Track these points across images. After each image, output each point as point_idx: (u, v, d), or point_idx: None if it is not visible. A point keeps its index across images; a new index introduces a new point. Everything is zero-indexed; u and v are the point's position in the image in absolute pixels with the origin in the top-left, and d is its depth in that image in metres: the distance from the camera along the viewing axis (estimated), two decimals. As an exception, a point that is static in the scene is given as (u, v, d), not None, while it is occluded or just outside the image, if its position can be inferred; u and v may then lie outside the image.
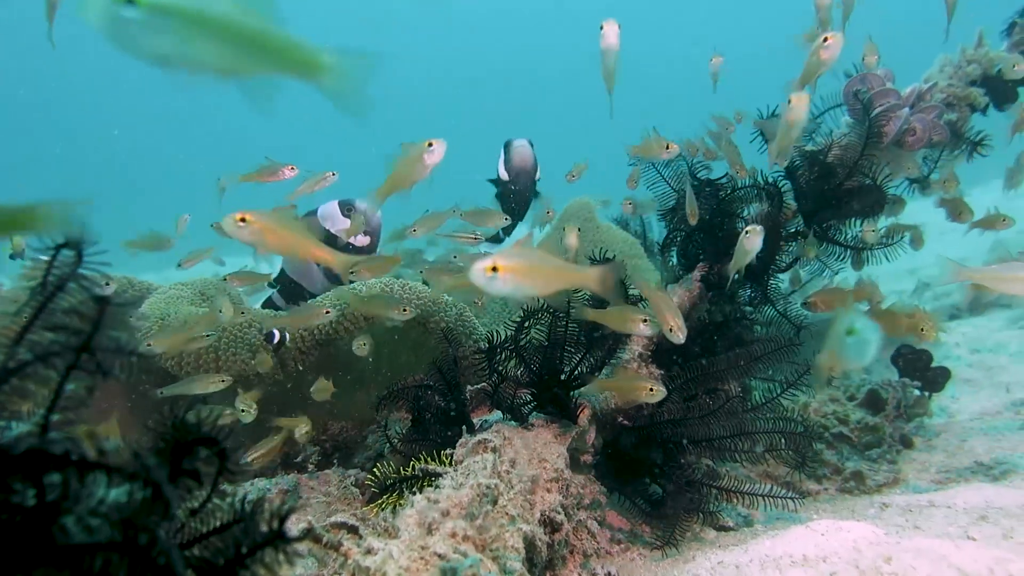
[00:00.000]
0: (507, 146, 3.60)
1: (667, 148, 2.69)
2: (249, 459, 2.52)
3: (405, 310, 2.58)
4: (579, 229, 3.07)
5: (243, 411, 2.52)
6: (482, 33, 38.30)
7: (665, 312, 2.14)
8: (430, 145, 2.02)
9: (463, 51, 37.97)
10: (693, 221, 2.80)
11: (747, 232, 2.44)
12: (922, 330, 2.71)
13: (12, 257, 4.22)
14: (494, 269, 1.63)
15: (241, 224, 1.86)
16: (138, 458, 0.85)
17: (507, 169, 3.55)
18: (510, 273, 1.66)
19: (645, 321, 2.12)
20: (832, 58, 2.43)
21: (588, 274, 1.81)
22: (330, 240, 3.51)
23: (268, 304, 3.84)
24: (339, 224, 3.54)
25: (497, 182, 3.70)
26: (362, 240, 3.59)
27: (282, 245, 1.98)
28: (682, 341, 2.16)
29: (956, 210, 3.33)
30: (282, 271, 3.88)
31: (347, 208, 3.55)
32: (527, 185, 3.66)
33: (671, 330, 2.14)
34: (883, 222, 3.16)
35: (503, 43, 38.37)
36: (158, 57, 1.26)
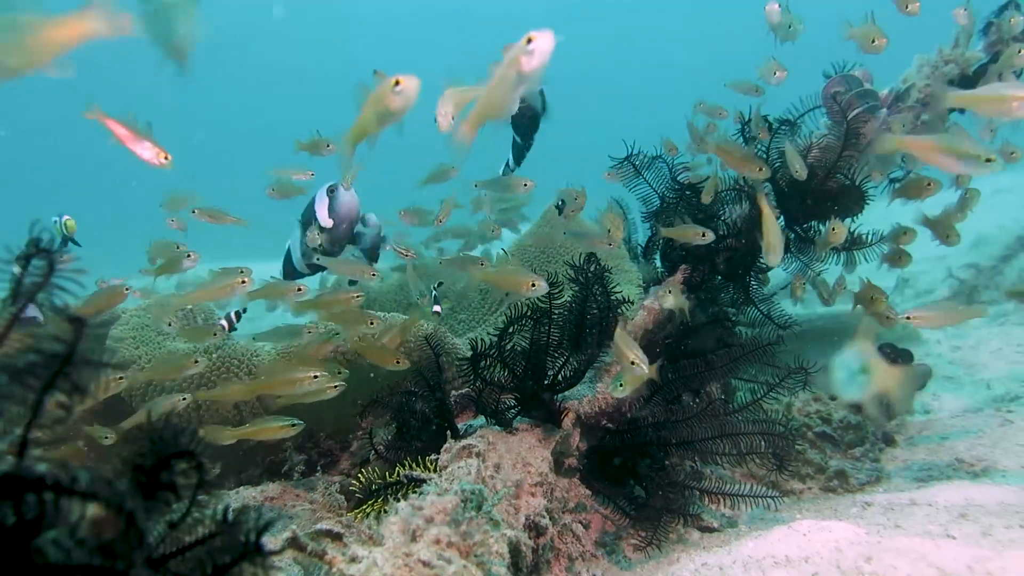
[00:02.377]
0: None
1: (703, 235, 2.64)
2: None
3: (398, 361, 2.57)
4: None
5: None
6: (476, 31, 38.34)
7: (625, 349, 2.13)
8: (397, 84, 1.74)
9: (455, 48, 37.94)
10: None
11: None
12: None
13: (65, 242, 3.98)
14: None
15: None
16: (111, 485, 0.85)
17: None
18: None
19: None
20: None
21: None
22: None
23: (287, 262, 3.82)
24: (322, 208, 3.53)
25: None
26: (327, 221, 3.53)
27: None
28: (646, 372, 2.10)
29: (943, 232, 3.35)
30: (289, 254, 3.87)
31: (331, 191, 3.53)
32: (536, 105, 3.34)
33: (632, 363, 2.10)
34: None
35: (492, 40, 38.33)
36: None
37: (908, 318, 2.45)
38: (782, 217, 3.07)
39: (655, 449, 2.43)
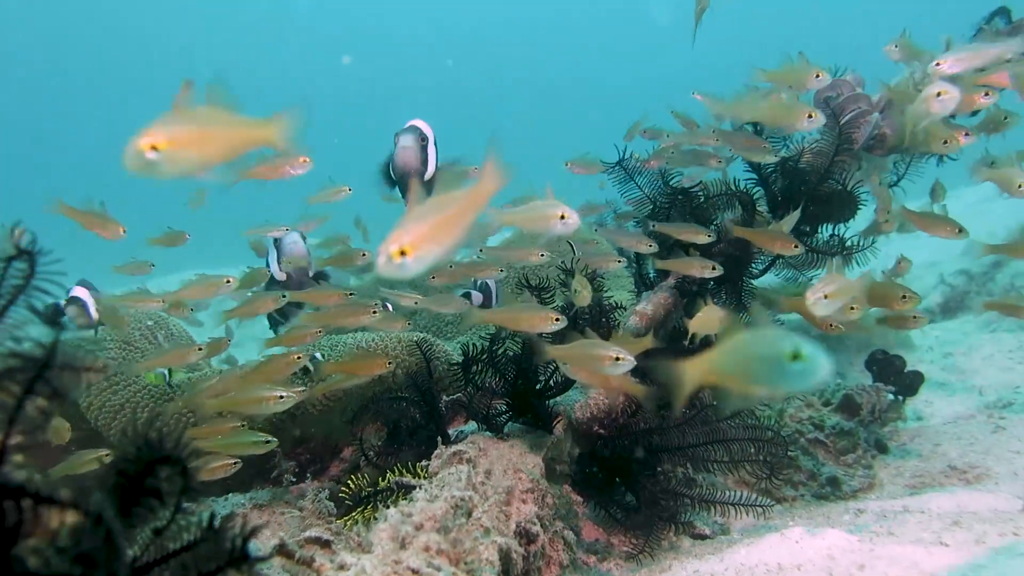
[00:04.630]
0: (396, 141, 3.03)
1: (712, 268, 2.60)
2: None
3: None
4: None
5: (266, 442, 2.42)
6: (472, 40, 38.65)
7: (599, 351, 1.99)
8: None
9: (454, 57, 38.25)
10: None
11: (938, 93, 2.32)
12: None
13: None
14: (402, 253, 1.28)
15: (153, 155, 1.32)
16: (88, 497, 0.84)
17: (392, 169, 3.02)
18: (423, 249, 1.30)
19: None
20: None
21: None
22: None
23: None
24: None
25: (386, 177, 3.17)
26: (280, 275, 3.43)
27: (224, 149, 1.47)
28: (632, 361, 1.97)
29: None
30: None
31: (275, 242, 3.43)
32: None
33: (617, 360, 1.96)
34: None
35: (489, 49, 38.70)
36: None
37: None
38: (773, 222, 3.06)
39: (647, 455, 2.42)
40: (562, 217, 1.85)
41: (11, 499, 0.80)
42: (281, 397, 2.24)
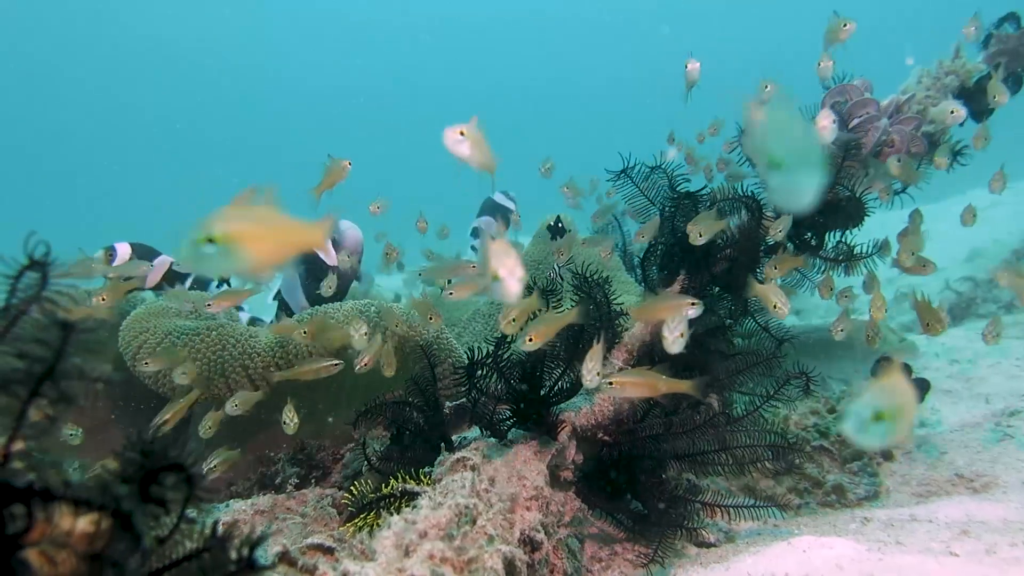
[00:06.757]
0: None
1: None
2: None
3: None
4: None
5: (286, 423, 2.60)
6: (471, 48, 38.76)
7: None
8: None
9: (455, 64, 38.39)
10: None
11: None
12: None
13: None
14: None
15: (460, 138, 1.78)
16: (107, 489, 0.82)
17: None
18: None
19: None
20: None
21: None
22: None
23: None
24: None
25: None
26: (333, 259, 3.50)
27: None
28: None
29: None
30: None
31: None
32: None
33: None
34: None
35: (492, 56, 38.82)
36: None
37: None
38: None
39: (653, 462, 2.40)
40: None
41: (20, 501, 0.79)
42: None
